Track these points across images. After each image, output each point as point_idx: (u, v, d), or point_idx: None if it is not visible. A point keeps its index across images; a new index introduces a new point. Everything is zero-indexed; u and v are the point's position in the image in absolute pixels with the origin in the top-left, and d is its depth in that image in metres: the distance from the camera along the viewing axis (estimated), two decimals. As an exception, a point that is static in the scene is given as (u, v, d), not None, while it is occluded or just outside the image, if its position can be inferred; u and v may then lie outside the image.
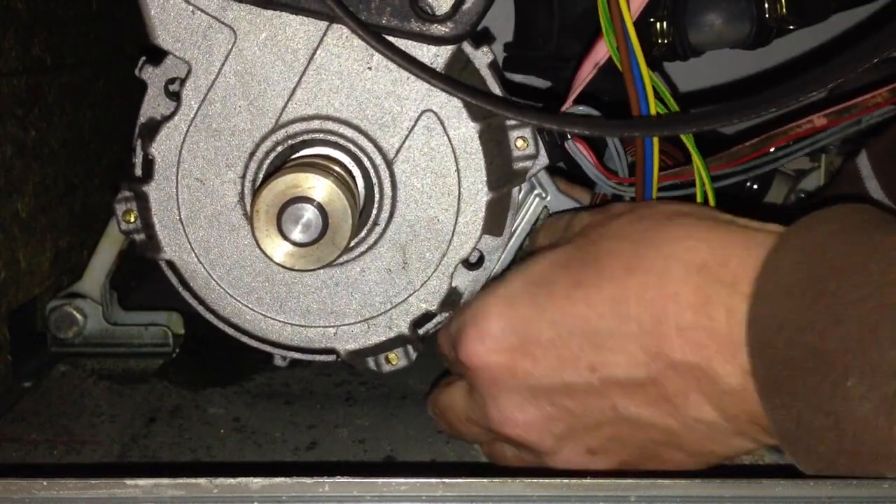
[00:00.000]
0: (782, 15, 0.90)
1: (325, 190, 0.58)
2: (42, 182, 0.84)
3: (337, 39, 0.62)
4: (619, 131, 0.61)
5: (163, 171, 0.64)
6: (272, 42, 0.62)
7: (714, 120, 0.58)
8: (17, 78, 0.80)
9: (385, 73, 0.62)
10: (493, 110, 0.60)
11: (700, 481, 0.43)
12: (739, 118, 0.57)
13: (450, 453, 0.70)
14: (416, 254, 0.65)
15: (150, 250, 0.66)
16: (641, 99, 0.59)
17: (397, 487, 0.44)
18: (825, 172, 0.95)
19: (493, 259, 0.68)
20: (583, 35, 0.94)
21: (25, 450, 0.70)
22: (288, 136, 0.63)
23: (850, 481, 0.43)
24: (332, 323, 0.66)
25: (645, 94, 0.59)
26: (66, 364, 0.84)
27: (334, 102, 0.63)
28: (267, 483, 0.44)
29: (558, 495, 0.44)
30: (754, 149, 0.64)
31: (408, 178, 0.64)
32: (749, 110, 0.56)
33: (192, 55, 0.63)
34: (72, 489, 0.44)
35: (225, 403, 0.78)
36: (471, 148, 0.64)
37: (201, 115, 0.63)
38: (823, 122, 0.62)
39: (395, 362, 0.68)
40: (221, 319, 0.67)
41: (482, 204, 0.64)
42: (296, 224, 0.58)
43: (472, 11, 0.59)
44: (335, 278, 0.66)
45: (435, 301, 0.66)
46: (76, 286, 0.87)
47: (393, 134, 0.63)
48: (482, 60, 0.65)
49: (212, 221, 0.65)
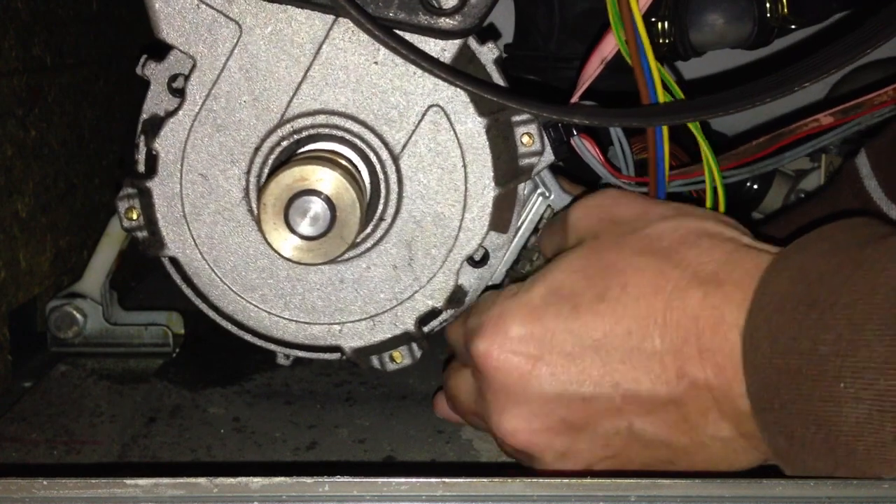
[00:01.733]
0: (783, 15, 0.91)
1: (333, 183, 0.58)
2: (42, 182, 0.84)
3: (343, 33, 0.62)
4: (628, 121, 0.61)
5: (166, 166, 0.64)
6: (278, 36, 0.62)
7: (722, 107, 0.58)
8: (17, 78, 0.80)
9: (391, 67, 0.62)
10: (499, 102, 0.60)
11: (700, 481, 0.44)
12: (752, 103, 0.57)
13: (450, 453, 0.70)
14: (422, 250, 0.65)
15: (153, 247, 0.66)
16: (651, 91, 0.60)
17: (397, 487, 0.44)
18: (825, 172, 0.96)
19: (497, 257, 0.67)
20: (583, 35, 0.95)
21: (25, 450, 0.69)
22: (293, 131, 0.63)
23: (850, 481, 0.43)
24: (337, 320, 0.66)
25: (654, 86, 0.59)
26: (66, 364, 0.84)
27: (340, 97, 0.63)
28: (267, 483, 0.44)
29: (558, 495, 0.44)
30: (761, 148, 0.64)
31: (414, 174, 0.64)
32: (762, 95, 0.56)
33: (197, 50, 0.62)
34: (72, 489, 0.44)
35: (225, 403, 0.78)
36: (477, 143, 0.63)
37: (206, 110, 0.63)
38: (830, 121, 0.63)
39: (399, 360, 0.67)
40: (225, 317, 0.67)
41: (488, 200, 0.64)
42: (303, 217, 0.58)
43: (480, 5, 0.59)
44: (340, 275, 0.65)
45: (441, 298, 0.66)
46: (76, 286, 0.86)
47: (399, 129, 0.63)
48: (488, 56, 0.64)
49: (216, 217, 0.64)
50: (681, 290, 0.52)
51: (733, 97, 0.58)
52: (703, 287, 0.51)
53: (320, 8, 0.61)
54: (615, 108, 0.62)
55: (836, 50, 0.56)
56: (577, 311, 0.54)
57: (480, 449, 0.70)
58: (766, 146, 0.64)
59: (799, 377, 0.46)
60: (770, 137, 0.64)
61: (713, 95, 0.59)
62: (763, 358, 0.48)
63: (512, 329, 0.56)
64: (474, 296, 0.68)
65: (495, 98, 0.59)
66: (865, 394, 0.43)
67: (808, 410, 0.46)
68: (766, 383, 0.48)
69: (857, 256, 0.47)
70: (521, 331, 0.55)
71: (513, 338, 0.56)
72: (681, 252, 0.53)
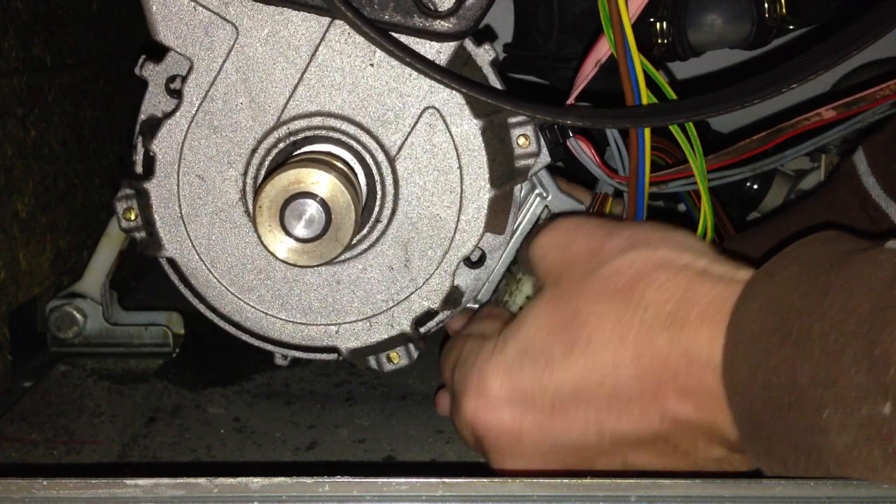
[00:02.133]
0: (782, 15, 0.91)
1: (329, 185, 0.58)
2: (42, 182, 0.84)
3: (339, 35, 0.62)
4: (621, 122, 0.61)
5: (164, 168, 0.64)
6: (274, 38, 0.62)
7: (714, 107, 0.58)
8: (17, 78, 0.80)
9: (387, 69, 0.62)
10: (494, 104, 0.60)
11: (700, 481, 0.44)
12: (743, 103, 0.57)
13: (450, 453, 0.70)
14: (418, 251, 0.65)
15: (151, 248, 0.66)
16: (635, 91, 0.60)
17: (397, 487, 0.44)
18: (825, 172, 0.96)
19: (494, 257, 0.68)
20: (582, 35, 0.95)
21: (25, 450, 0.69)
22: (289, 132, 0.63)
23: (850, 481, 0.43)
24: (333, 321, 0.66)
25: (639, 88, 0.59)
26: (66, 364, 0.84)
27: (336, 99, 0.63)
28: (267, 483, 0.44)
29: (558, 495, 0.44)
30: (762, 142, 0.63)
31: (410, 175, 0.64)
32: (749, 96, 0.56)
33: (194, 52, 0.62)
34: (72, 489, 0.44)
35: (225, 403, 0.78)
36: (473, 145, 0.64)
37: (203, 111, 0.63)
38: (832, 115, 0.62)
39: (396, 361, 0.68)
40: (222, 317, 0.67)
41: (484, 201, 0.64)
42: (299, 220, 0.58)
43: (475, 7, 0.59)
44: (337, 276, 0.66)
45: (437, 299, 0.66)
46: (76, 286, 0.87)
47: (395, 131, 0.63)
48: (484, 58, 0.65)
49: (213, 218, 0.65)
50: (646, 335, 0.52)
51: (725, 97, 0.58)
52: (668, 330, 0.51)
53: (316, 10, 0.61)
54: (610, 109, 0.62)
55: (826, 49, 0.56)
56: (550, 367, 0.55)
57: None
58: (767, 140, 0.64)
59: (781, 409, 0.46)
60: (772, 131, 0.63)
61: (705, 95, 0.59)
62: (744, 392, 0.48)
63: (493, 389, 0.56)
64: (471, 296, 0.68)
65: (490, 100, 0.60)
66: (850, 421, 0.43)
67: (795, 441, 0.46)
68: (751, 417, 0.48)
69: (823, 281, 0.46)
70: (502, 391, 0.56)
71: (495, 398, 0.56)
72: (638, 290, 0.53)
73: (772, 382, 0.46)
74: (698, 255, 0.54)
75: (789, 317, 0.46)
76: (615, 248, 0.56)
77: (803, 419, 0.45)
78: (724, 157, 0.65)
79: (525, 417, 0.55)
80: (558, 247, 0.59)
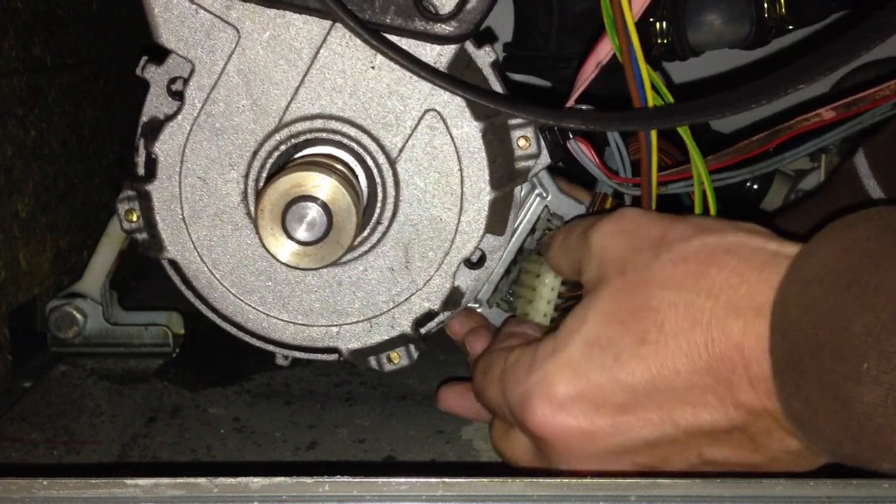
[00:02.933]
0: (781, 15, 0.91)
1: (330, 189, 0.58)
2: (42, 182, 0.84)
3: (340, 38, 0.62)
4: (624, 125, 0.61)
5: (166, 169, 0.64)
6: (276, 41, 0.62)
7: (717, 110, 0.58)
8: (17, 78, 0.80)
9: (388, 72, 0.63)
10: (494, 107, 0.60)
11: (700, 481, 0.44)
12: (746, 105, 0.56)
13: (450, 453, 0.70)
14: (418, 253, 0.65)
15: (153, 249, 0.66)
16: (641, 94, 0.60)
17: (397, 487, 0.44)
18: (825, 172, 0.96)
19: (494, 258, 0.68)
20: (582, 35, 0.95)
21: (25, 450, 0.69)
22: (291, 135, 0.64)
23: (850, 481, 0.44)
24: (334, 322, 0.67)
25: (644, 90, 0.59)
26: (66, 364, 0.84)
27: (337, 101, 0.63)
28: (267, 483, 0.44)
29: (558, 495, 0.44)
30: (762, 143, 0.63)
31: (411, 178, 0.64)
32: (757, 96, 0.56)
33: (196, 54, 0.63)
34: (72, 489, 0.44)
35: (225, 403, 0.78)
36: (473, 147, 0.64)
37: (204, 114, 0.63)
38: (832, 115, 0.61)
39: (396, 361, 0.68)
40: (224, 318, 0.67)
41: (485, 203, 0.65)
42: (300, 223, 0.58)
43: (476, 10, 0.59)
44: (338, 277, 0.66)
45: (437, 300, 0.66)
46: (76, 286, 0.87)
47: (396, 133, 0.63)
48: (484, 60, 0.65)
49: (214, 220, 0.65)
50: (719, 321, 0.50)
51: (727, 100, 0.58)
52: (742, 316, 0.50)
53: (318, 13, 0.61)
54: (611, 112, 0.62)
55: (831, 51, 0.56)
56: (619, 360, 0.53)
57: (480, 449, 0.70)
58: (767, 141, 0.63)
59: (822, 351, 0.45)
60: (772, 132, 0.63)
61: (707, 98, 0.59)
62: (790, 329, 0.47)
63: (559, 392, 0.54)
64: (471, 297, 0.68)
65: (490, 104, 0.60)
66: (886, 378, 0.43)
67: (828, 383, 0.45)
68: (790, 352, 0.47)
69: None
70: (570, 391, 0.54)
71: (563, 401, 0.54)
72: (709, 277, 0.52)
73: (821, 323, 0.45)
74: (767, 238, 0.53)
75: (862, 267, 0.46)
76: (682, 234, 0.55)
77: (842, 365, 0.44)
78: (724, 157, 0.64)
79: (597, 416, 0.54)
80: (625, 233, 0.58)
